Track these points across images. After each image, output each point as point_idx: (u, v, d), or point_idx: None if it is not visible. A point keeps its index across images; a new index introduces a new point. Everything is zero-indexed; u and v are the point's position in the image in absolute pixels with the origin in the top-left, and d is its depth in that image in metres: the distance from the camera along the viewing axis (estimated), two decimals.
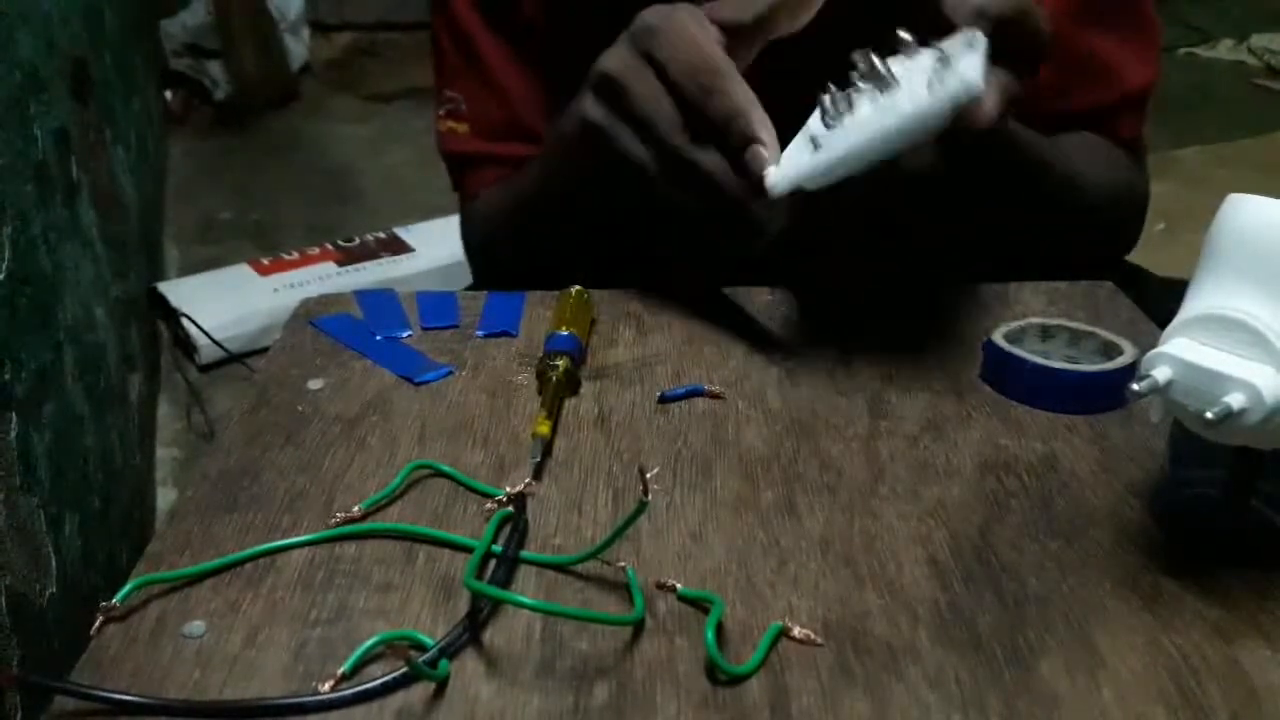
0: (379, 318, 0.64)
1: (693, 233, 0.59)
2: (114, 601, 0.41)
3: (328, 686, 0.37)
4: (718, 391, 0.55)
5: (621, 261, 0.68)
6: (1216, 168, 2.41)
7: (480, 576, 0.42)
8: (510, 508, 0.46)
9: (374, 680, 0.38)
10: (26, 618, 0.71)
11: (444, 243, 1.79)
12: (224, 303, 1.78)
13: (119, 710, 0.37)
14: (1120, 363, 0.54)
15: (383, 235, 2.02)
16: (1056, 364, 0.54)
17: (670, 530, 0.45)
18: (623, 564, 0.42)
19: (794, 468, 0.49)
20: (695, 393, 0.55)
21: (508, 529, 0.45)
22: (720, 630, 0.39)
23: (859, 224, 0.69)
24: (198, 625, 0.40)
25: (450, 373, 0.58)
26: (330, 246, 1.98)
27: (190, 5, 2.87)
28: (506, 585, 0.42)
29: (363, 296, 0.66)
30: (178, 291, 1.80)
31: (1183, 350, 0.39)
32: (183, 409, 1.62)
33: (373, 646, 0.39)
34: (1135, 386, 0.39)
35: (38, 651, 0.71)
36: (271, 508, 0.47)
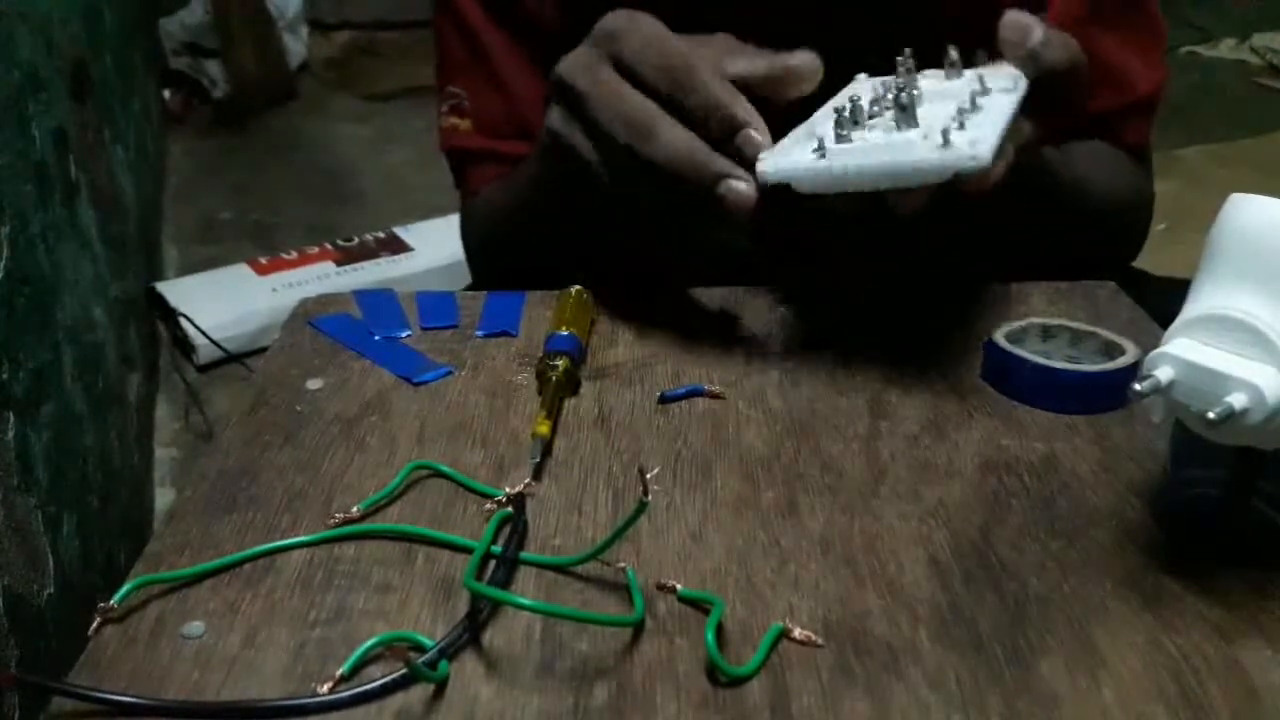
0: (378, 318, 0.64)
1: (675, 229, 0.59)
2: (112, 602, 0.41)
3: (327, 688, 0.37)
4: (718, 391, 0.55)
5: (621, 261, 0.68)
6: (1218, 167, 2.41)
7: (480, 577, 0.42)
8: (510, 508, 0.46)
9: (373, 681, 0.37)
10: (24, 618, 0.71)
11: (443, 243, 1.79)
12: (223, 302, 1.78)
13: (117, 711, 0.37)
14: (1122, 363, 0.54)
15: (382, 235, 2.02)
16: (1058, 364, 0.54)
17: (670, 530, 0.45)
18: (623, 564, 0.42)
19: (794, 468, 0.49)
20: (695, 393, 0.55)
21: (507, 529, 0.45)
22: (720, 631, 0.39)
23: (847, 231, 0.69)
24: (196, 626, 0.40)
25: (450, 373, 0.58)
26: (329, 246, 1.98)
27: (189, 4, 2.87)
28: (506, 586, 0.42)
29: (362, 296, 0.66)
30: (176, 291, 1.80)
31: (1184, 350, 0.39)
32: (181, 409, 1.62)
33: (372, 647, 0.39)
34: (1137, 386, 0.39)
35: (36, 652, 0.71)
36: (270, 508, 0.47)
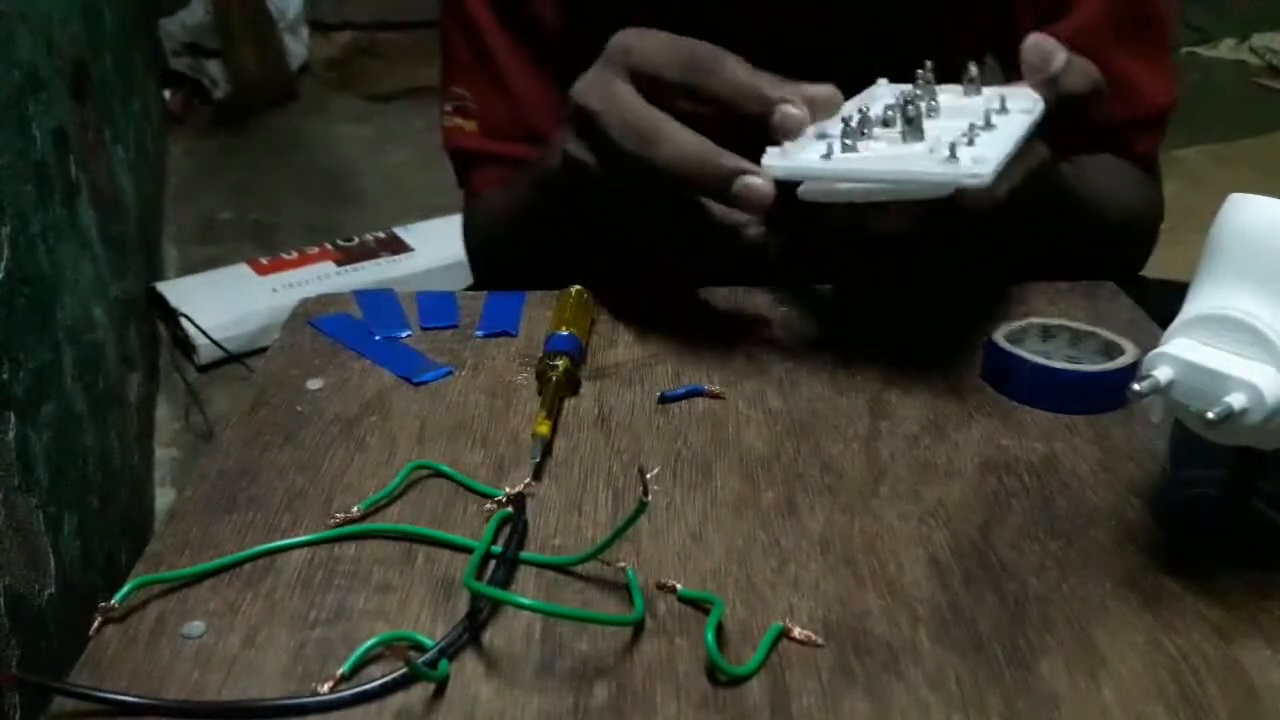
0: (378, 318, 0.64)
1: (689, 249, 0.59)
2: (113, 602, 0.41)
3: (327, 687, 0.37)
4: (718, 391, 0.55)
5: (622, 261, 0.68)
6: (1217, 168, 2.41)
7: (480, 577, 0.42)
8: (510, 508, 0.46)
9: (373, 681, 0.37)
10: (25, 618, 0.71)
11: (444, 243, 1.79)
12: (223, 302, 1.78)
13: (118, 710, 0.37)
14: (1121, 363, 0.54)
15: (382, 235, 2.02)
16: (1057, 364, 0.54)
17: (670, 530, 0.45)
18: (623, 564, 0.42)
19: (794, 468, 0.49)
20: (695, 393, 0.55)
21: (507, 529, 0.45)
22: (720, 631, 0.39)
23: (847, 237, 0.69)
24: (197, 626, 0.40)
25: (450, 373, 0.58)
26: (329, 246, 1.98)
27: (189, 4, 2.87)
28: (506, 586, 0.42)
29: (362, 296, 0.66)
30: (177, 291, 1.80)
31: (1184, 350, 0.39)
32: (182, 409, 1.62)
33: (372, 647, 0.39)
34: (1136, 386, 0.39)
35: (36, 652, 0.71)
36: (270, 508, 0.47)
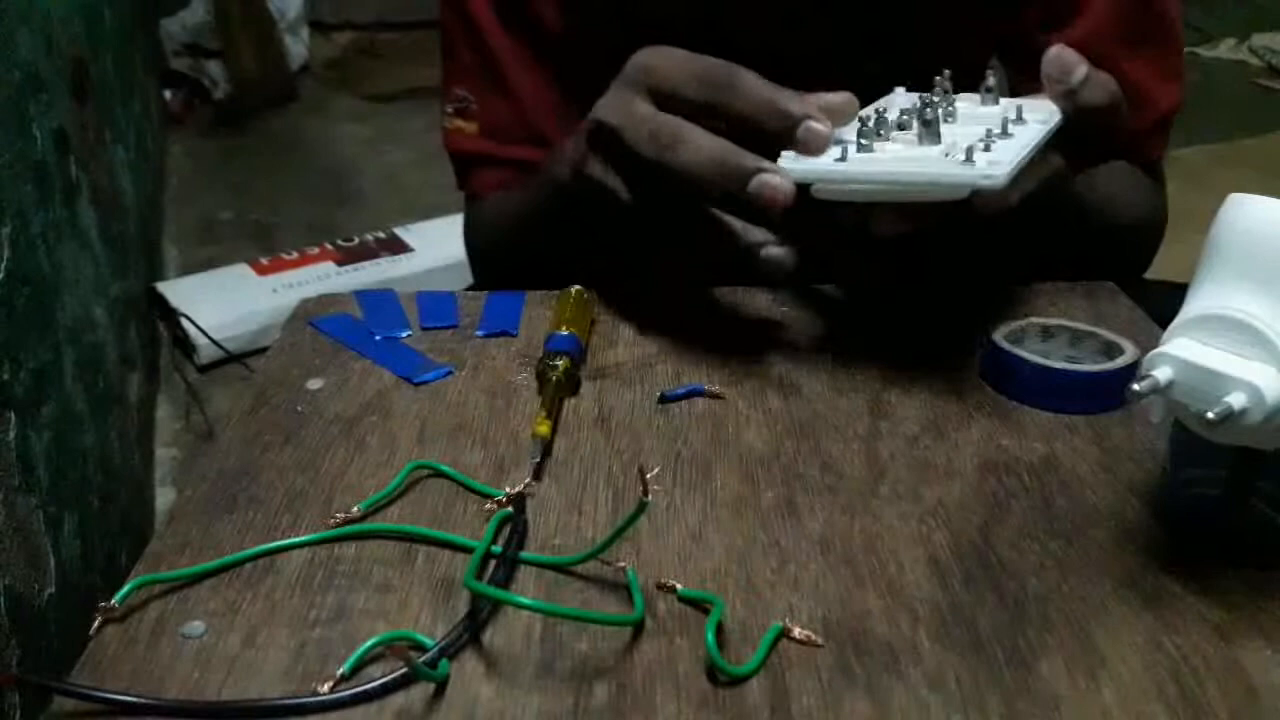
0: (378, 318, 0.64)
1: (702, 257, 0.59)
2: (113, 602, 0.41)
3: (327, 687, 0.37)
4: (718, 391, 0.55)
5: (622, 262, 0.68)
6: (1217, 168, 2.41)
7: (480, 577, 0.42)
8: (510, 508, 0.46)
9: (373, 681, 0.37)
10: (25, 618, 0.71)
11: (444, 243, 1.79)
12: (223, 303, 1.78)
13: (118, 710, 0.37)
14: (1121, 363, 0.54)
15: (382, 235, 2.02)
16: (1057, 364, 0.54)
17: (670, 530, 0.45)
18: (623, 564, 0.42)
19: (794, 468, 0.49)
20: (695, 393, 0.55)
21: (507, 529, 0.45)
22: (720, 631, 0.39)
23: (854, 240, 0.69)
24: (197, 626, 0.40)
25: (450, 373, 0.58)
26: (330, 246, 1.98)
27: (190, 5, 2.87)
28: (506, 586, 0.42)
29: (362, 296, 0.66)
30: (177, 291, 1.80)
31: (1184, 350, 0.39)
32: (182, 409, 1.62)
33: (372, 647, 0.39)
34: (1136, 386, 0.39)
35: (36, 652, 0.71)
36: (271, 508, 0.47)
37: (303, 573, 0.43)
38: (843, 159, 0.50)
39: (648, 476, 0.39)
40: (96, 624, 0.40)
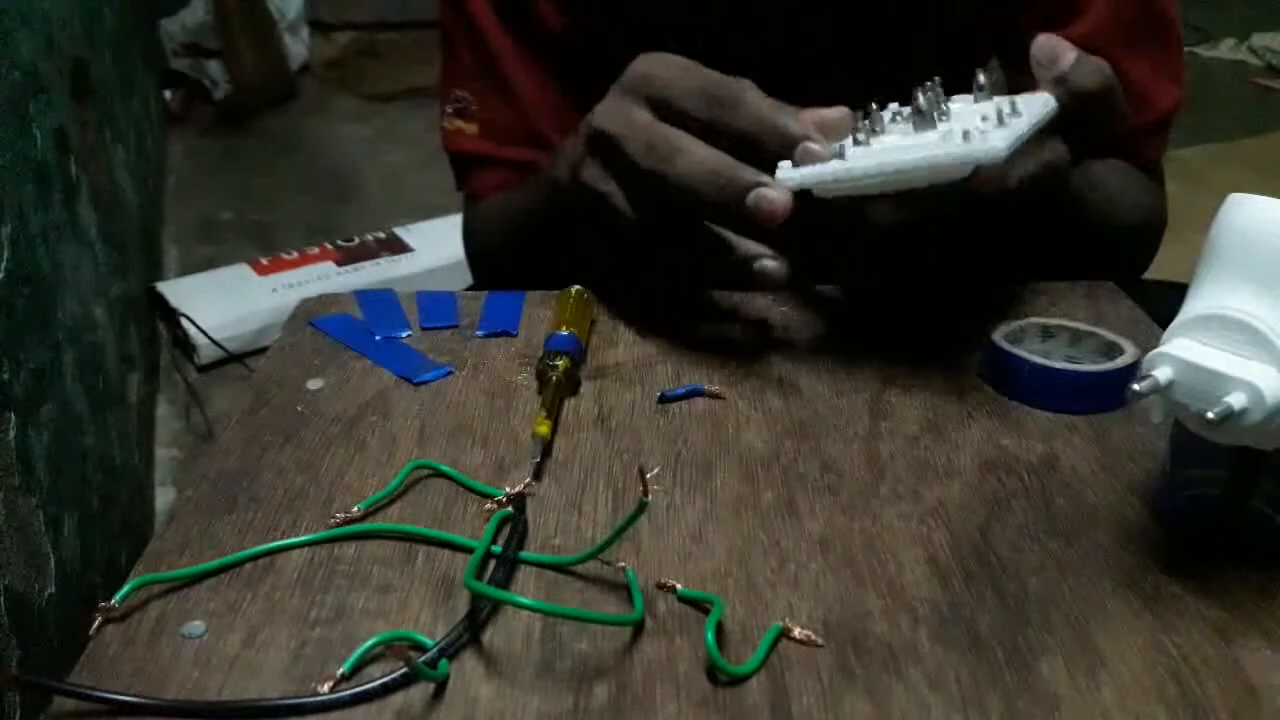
0: (378, 318, 0.64)
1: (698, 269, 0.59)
2: (113, 602, 0.41)
3: (327, 687, 0.37)
4: (718, 391, 0.55)
5: (622, 262, 0.68)
6: (1217, 168, 2.41)
7: (480, 577, 0.42)
8: (510, 508, 0.46)
9: (373, 681, 0.37)
10: (25, 618, 0.71)
11: (444, 243, 1.79)
12: (223, 303, 1.78)
13: (118, 710, 0.37)
14: (1121, 363, 0.54)
15: (382, 235, 2.02)
16: (1057, 364, 0.54)
17: (670, 530, 0.45)
18: (623, 564, 0.42)
19: (794, 468, 0.49)
20: (695, 393, 0.55)
21: (507, 529, 0.45)
22: (720, 631, 0.39)
23: (854, 243, 0.69)
24: (197, 625, 0.40)
25: (450, 373, 0.58)
26: (330, 246, 1.99)
27: (190, 5, 2.87)
28: (506, 586, 0.42)
29: (362, 296, 0.66)
30: (177, 291, 1.80)
31: (1184, 350, 0.39)
32: (182, 409, 1.62)
33: (372, 647, 0.39)
34: (1136, 386, 0.39)
35: (36, 652, 0.71)
36: (271, 508, 0.47)
37: (303, 573, 0.43)
38: (840, 156, 0.50)
39: (648, 476, 0.39)
40: (96, 624, 0.40)
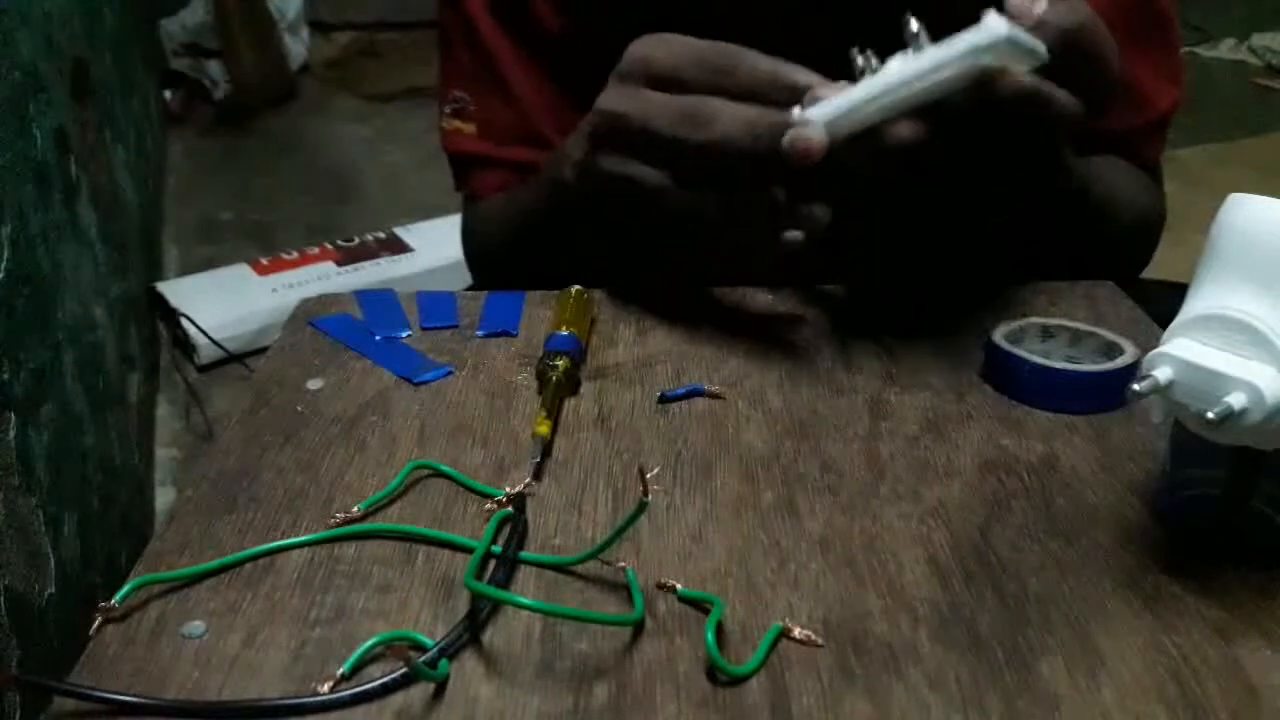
0: (378, 318, 0.64)
1: (713, 253, 0.59)
2: (113, 602, 0.41)
3: (327, 687, 0.37)
4: (718, 391, 0.55)
5: (622, 262, 0.68)
6: (1216, 168, 2.41)
7: (480, 577, 0.42)
8: (510, 508, 0.46)
9: (373, 681, 0.37)
10: (25, 618, 0.71)
11: (444, 243, 1.79)
12: (223, 303, 1.78)
13: (118, 710, 0.37)
14: (1121, 363, 0.54)
15: (382, 235, 2.02)
16: (1057, 364, 0.54)
17: (670, 530, 0.45)
18: (623, 564, 0.42)
19: (794, 468, 0.49)
20: (695, 393, 0.55)
21: (507, 529, 0.45)
22: (720, 631, 0.39)
23: (864, 222, 0.69)
24: (197, 625, 0.40)
25: (450, 373, 0.58)
26: (330, 246, 1.98)
27: (190, 5, 2.87)
28: (506, 586, 0.42)
29: (362, 296, 0.66)
30: (177, 291, 1.80)
31: (1184, 350, 0.39)
32: (182, 409, 1.62)
33: (372, 647, 0.39)
34: (1136, 386, 0.39)
35: (36, 652, 0.71)
36: (271, 508, 0.47)
37: (303, 573, 0.43)
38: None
39: (648, 476, 0.39)
40: (96, 624, 0.40)
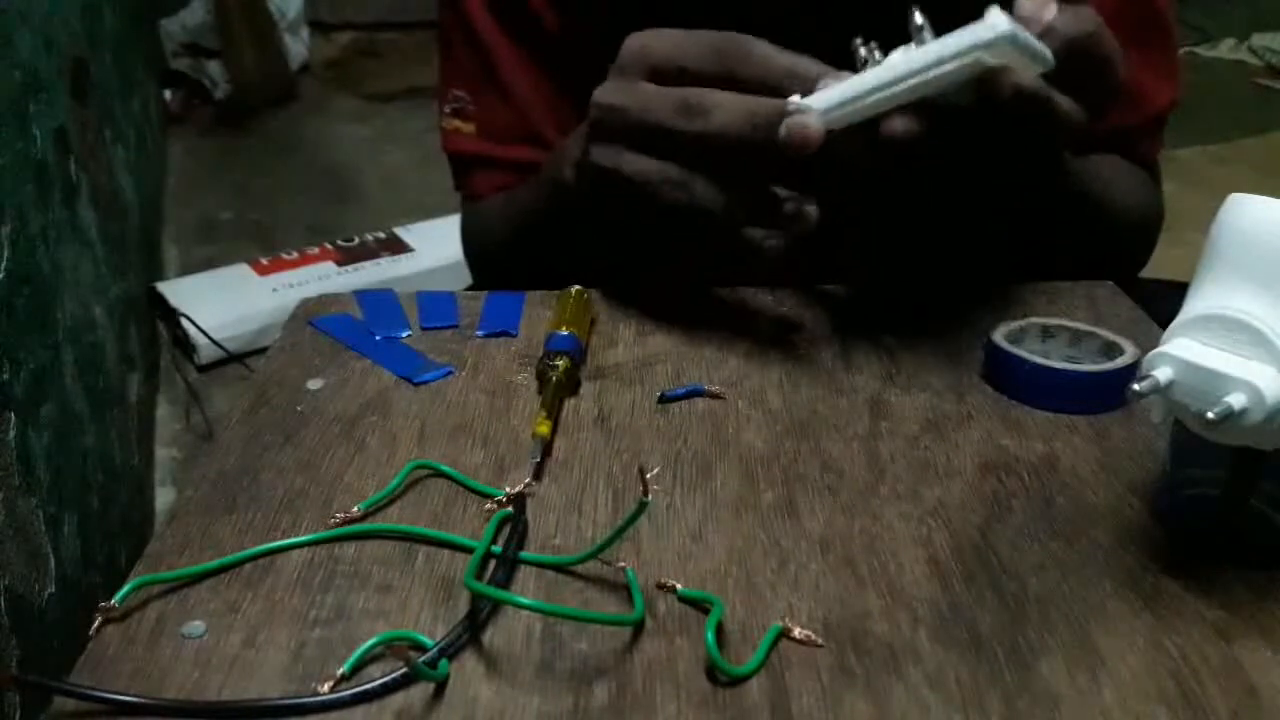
0: (378, 318, 0.64)
1: (707, 252, 0.59)
2: (113, 602, 0.41)
3: (327, 687, 0.37)
4: (718, 391, 0.55)
5: (622, 262, 0.68)
6: (1217, 167, 2.41)
7: (480, 577, 0.42)
8: (510, 508, 0.46)
9: (373, 681, 0.37)
10: (25, 618, 0.71)
11: (444, 243, 1.79)
12: (223, 303, 1.78)
13: (118, 710, 0.37)
14: (1121, 363, 0.54)
15: (382, 235, 2.02)
16: (1057, 364, 0.54)
17: (670, 530, 0.45)
18: (623, 564, 0.42)
19: (794, 468, 0.49)
20: (695, 393, 0.55)
21: (507, 529, 0.45)
22: (720, 631, 0.39)
23: (859, 224, 0.69)
24: (197, 625, 0.40)
25: (450, 373, 0.58)
26: (330, 246, 1.98)
27: (190, 5, 2.87)
28: (506, 586, 0.42)
29: (362, 296, 0.66)
30: (177, 291, 1.80)
31: (1184, 350, 0.39)
32: (182, 409, 1.62)
33: (372, 647, 0.39)
34: (1136, 386, 0.39)
35: (37, 652, 0.71)
36: (271, 508, 0.47)
37: (303, 573, 0.43)
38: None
39: (648, 476, 0.39)
40: (96, 624, 0.40)
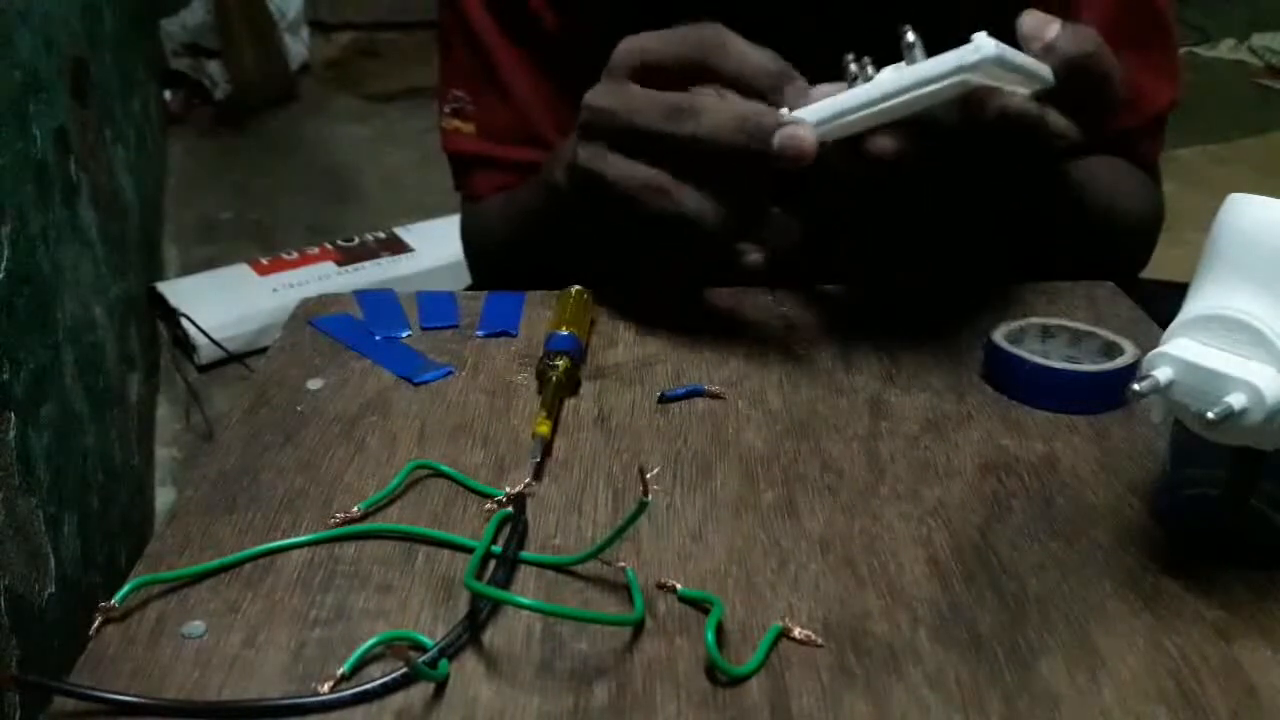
0: (378, 318, 0.64)
1: (695, 258, 0.59)
2: (113, 602, 0.41)
3: (327, 687, 0.37)
4: (718, 391, 0.55)
5: (622, 262, 0.68)
6: (1216, 168, 2.41)
7: (480, 577, 0.42)
8: (510, 508, 0.46)
9: (373, 681, 0.37)
10: (25, 618, 0.71)
11: (444, 243, 1.79)
12: (223, 303, 1.78)
13: (118, 710, 0.37)
14: (1121, 363, 0.54)
15: (382, 235, 2.02)
16: (1057, 364, 0.54)
17: (670, 530, 0.45)
18: (623, 564, 0.42)
19: (794, 468, 0.49)
20: (695, 393, 0.55)
21: (507, 529, 0.45)
22: (720, 631, 0.39)
23: (855, 231, 0.69)
24: (197, 625, 0.40)
25: (450, 373, 0.58)
26: (330, 246, 1.98)
27: (190, 5, 2.87)
28: (506, 586, 0.42)
29: (362, 296, 0.66)
30: (177, 291, 1.80)
31: (1184, 350, 0.39)
32: (182, 409, 1.62)
33: (372, 647, 0.39)
34: (1136, 386, 0.39)
35: (36, 652, 0.71)
36: (271, 508, 0.47)
37: (303, 573, 0.43)
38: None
39: (648, 476, 0.39)
40: (96, 624, 0.40)
